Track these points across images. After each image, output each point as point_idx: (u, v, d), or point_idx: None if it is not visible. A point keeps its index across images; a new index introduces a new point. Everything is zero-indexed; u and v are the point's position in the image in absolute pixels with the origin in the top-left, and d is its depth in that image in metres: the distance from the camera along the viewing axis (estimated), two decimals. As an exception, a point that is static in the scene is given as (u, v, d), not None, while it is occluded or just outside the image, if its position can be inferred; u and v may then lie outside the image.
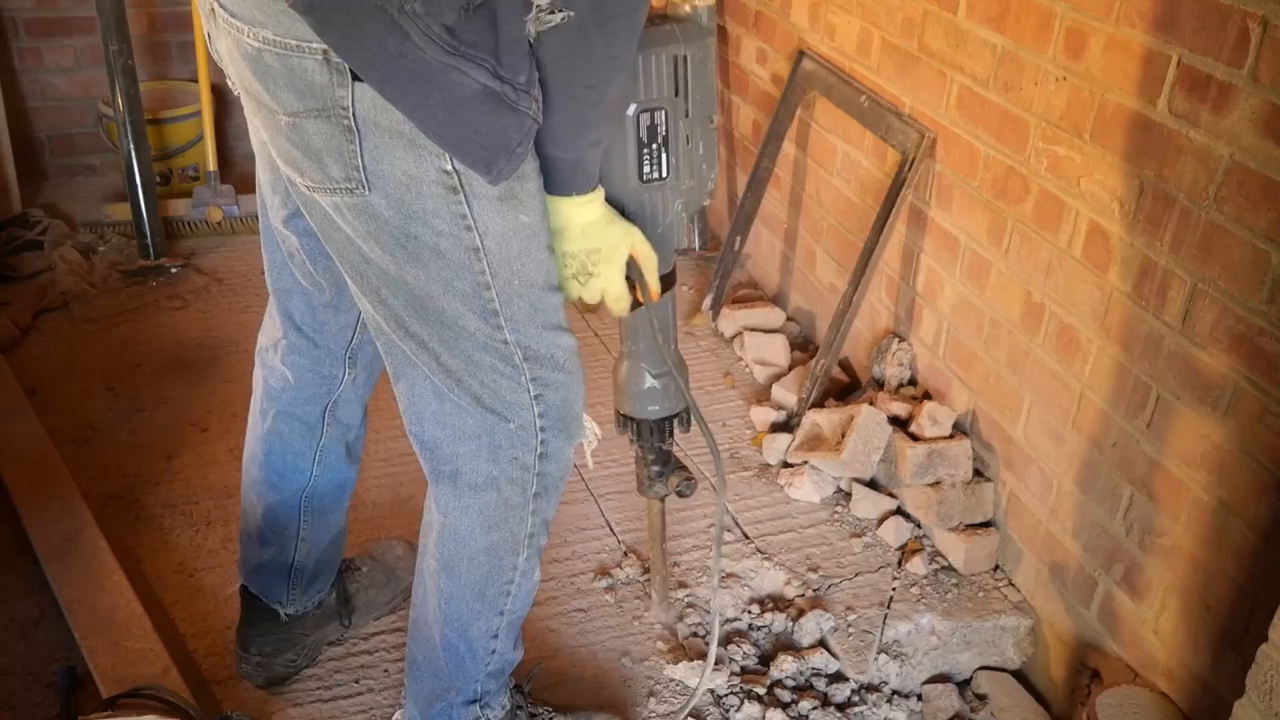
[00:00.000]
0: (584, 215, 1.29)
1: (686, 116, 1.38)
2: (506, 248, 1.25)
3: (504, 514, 1.40)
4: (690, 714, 1.76)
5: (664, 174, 1.40)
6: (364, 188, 1.19)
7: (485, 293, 1.27)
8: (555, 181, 1.26)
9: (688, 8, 1.36)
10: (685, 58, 1.34)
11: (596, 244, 1.32)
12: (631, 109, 1.35)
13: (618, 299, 1.37)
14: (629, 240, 1.34)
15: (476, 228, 1.22)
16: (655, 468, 1.66)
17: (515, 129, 1.15)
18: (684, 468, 1.67)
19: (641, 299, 1.40)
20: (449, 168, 1.18)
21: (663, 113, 1.36)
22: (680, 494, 1.66)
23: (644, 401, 1.58)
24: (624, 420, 1.62)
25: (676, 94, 1.35)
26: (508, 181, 1.20)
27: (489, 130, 1.14)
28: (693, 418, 1.58)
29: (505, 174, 1.18)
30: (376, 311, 1.32)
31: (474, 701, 1.54)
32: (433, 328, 1.30)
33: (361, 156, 1.17)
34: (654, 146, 1.38)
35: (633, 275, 1.38)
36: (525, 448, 1.37)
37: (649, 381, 1.56)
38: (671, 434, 1.62)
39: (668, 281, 1.47)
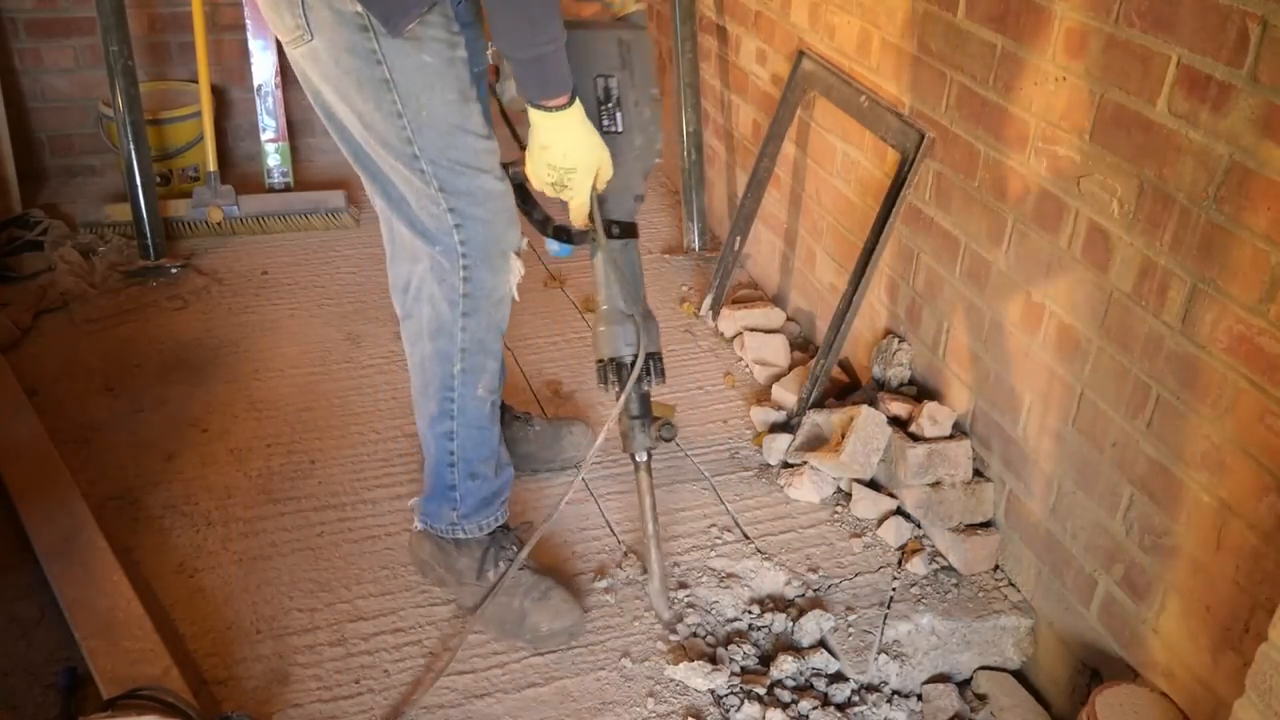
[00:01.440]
0: (565, 130, 1.55)
1: (633, 86, 1.70)
2: (411, 81, 1.53)
3: (438, 324, 1.71)
4: (690, 714, 1.76)
5: (619, 128, 1.71)
6: (308, 34, 1.50)
7: (398, 121, 1.56)
8: (528, 86, 1.51)
9: (623, 12, 1.71)
10: (627, 43, 1.68)
11: (574, 165, 1.59)
12: (591, 76, 1.66)
13: (579, 209, 1.67)
14: (598, 166, 1.62)
15: (385, 62, 1.51)
16: (637, 416, 1.82)
17: None
18: (660, 417, 1.84)
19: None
20: (359, 9, 1.47)
21: (614, 80, 1.68)
22: (664, 438, 1.82)
23: (619, 341, 1.78)
24: (603, 368, 1.79)
25: (623, 68, 1.68)
26: (417, 25, 1.48)
27: None
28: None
29: (399, 28, 1.47)
30: (346, 152, 1.69)
31: (453, 507, 1.84)
32: (375, 159, 1.64)
33: (304, 7, 1.48)
34: (609, 105, 1.69)
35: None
36: (451, 270, 1.66)
37: (621, 320, 1.77)
38: (649, 375, 1.80)
39: (629, 230, 1.77)
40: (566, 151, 1.57)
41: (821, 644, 1.90)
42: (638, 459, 1.85)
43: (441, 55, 1.54)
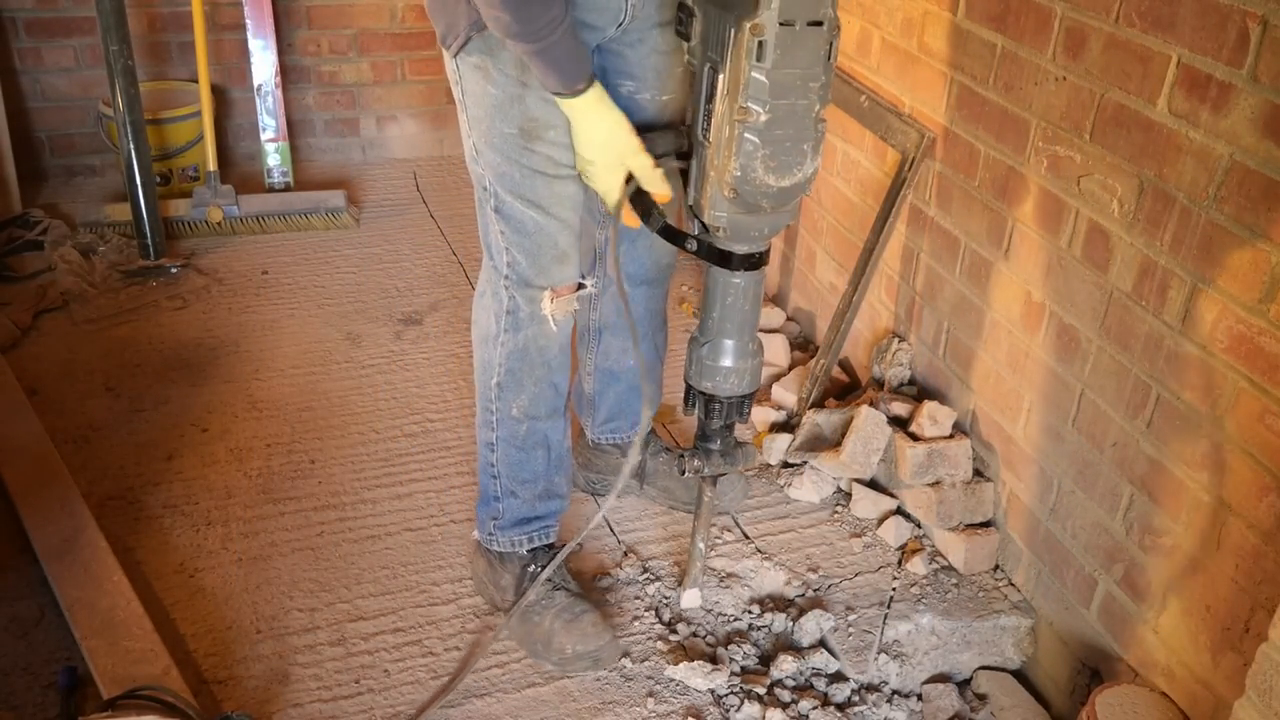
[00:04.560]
0: (578, 119, 1.51)
1: (726, 93, 1.36)
2: (478, 107, 1.58)
3: (486, 334, 1.77)
4: (690, 714, 1.76)
5: (707, 141, 1.43)
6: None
7: (468, 140, 1.64)
8: (538, 78, 1.48)
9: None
10: (732, 34, 1.32)
11: (592, 158, 1.55)
12: (704, 61, 1.40)
13: (609, 204, 1.59)
14: (621, 164, 1.53)
15: (461, 84, 1.59)
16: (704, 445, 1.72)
17: (464, 16, 1.49)
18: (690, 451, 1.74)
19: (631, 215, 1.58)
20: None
21: (720, 79, 1.36)
22: (693, 470, 1.72)
23: (689, 368, 1.66)
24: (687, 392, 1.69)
25: (730, 62, 1.34)
26: (481, 55, 1.52)
27: (448, 10, 1.51)
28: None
29: (453, 48, 1.54)
30: None
31: (494, 517, 1.87)
32: (468, 162, 1.68)
33: (434, 20, 1.57)
34: (710, 108, 1.41)
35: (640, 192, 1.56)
36: (500, 286, 1.71)
37: (693, 347, 1.65)
38: (718, 414, 1.68)
39: (713, 255, 1.53)
40: (583, 140, 1.54)
41: (821, 644, 1.90)
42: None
43: (507, 90, 1.54)
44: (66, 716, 1.65)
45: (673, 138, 1.55)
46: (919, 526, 2.12)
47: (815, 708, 1.77)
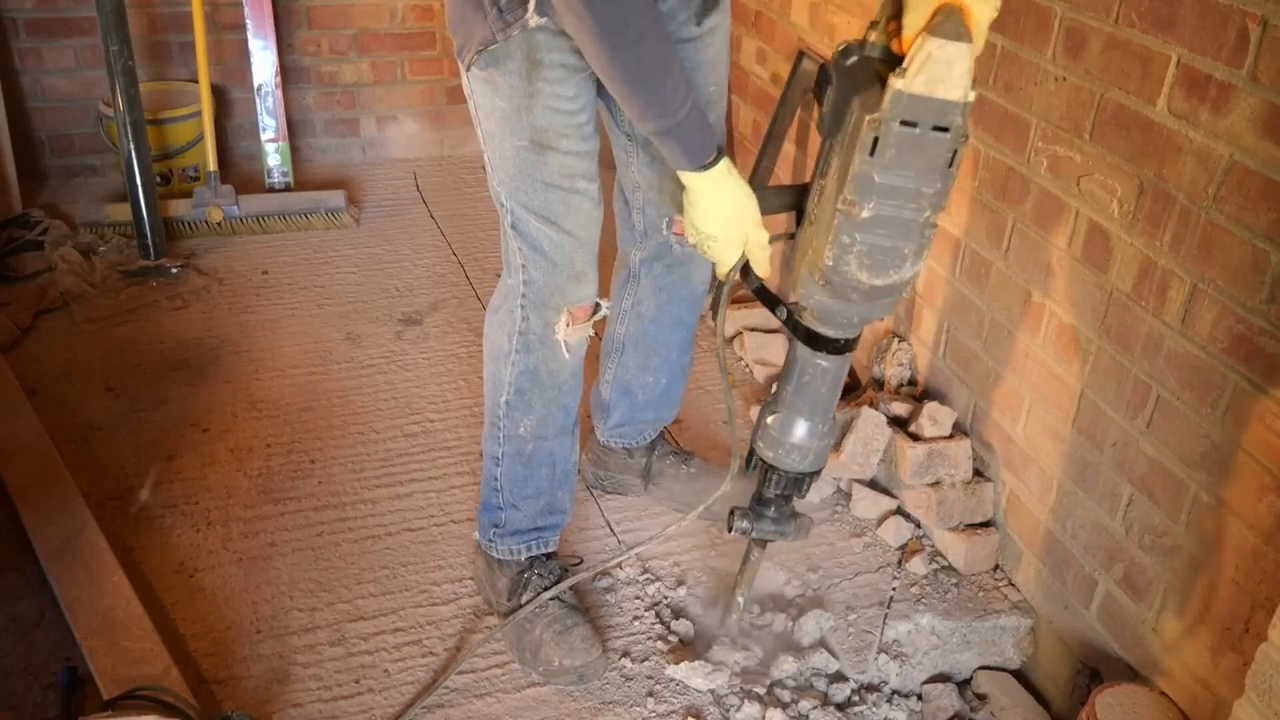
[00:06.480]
0: (706, 192, 1.46)
1: (836, 178, 1.27)
2: (489, 120, 1.58)
3: (498, 350, 1.75)
4: (690, 714, 1.76)
5: (811, 217, 1.36)
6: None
7: (485, 156, 1.63)
8: (670, 157, 1.46)
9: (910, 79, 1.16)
10: (853, 119, 1.23)
11: (715, 234, 1.49)
12: (827, 136, 1.32)
13: (722, 272, 1.54)
14: (744, 239, 1.49)
15: (473, 97, 1.58)
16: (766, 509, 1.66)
17: (483, 30, 1.47)
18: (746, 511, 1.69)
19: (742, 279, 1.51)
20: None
21: (835, 159, 1.28)
22: (742, 530, 1.67)
23: (758, 441, 1.59)
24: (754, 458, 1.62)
25: (836, 137, 1.27)
26: (489, 68, 1.51)
27: (468, 22, 1.49)
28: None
29: (466, 61, 1.53)
30: None
31: (495, 523, 1.87)
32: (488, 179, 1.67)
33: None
34: (821, 184, 1.33)
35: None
36: (514, 304, 1.69)
37: (760, 416, 1.58)
38: (779, 486, 1.61)
39: (810, 338, 1.43)
40: (708, 215, 1.48)
41: (821, 644, 1.90)
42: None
43: (514, 102, 1.52)
44: (66, 716, 1.65)
45: (778, 196, 1.49)
46: (919, 526, 2.12)
47: (815, 708, 1.77)
